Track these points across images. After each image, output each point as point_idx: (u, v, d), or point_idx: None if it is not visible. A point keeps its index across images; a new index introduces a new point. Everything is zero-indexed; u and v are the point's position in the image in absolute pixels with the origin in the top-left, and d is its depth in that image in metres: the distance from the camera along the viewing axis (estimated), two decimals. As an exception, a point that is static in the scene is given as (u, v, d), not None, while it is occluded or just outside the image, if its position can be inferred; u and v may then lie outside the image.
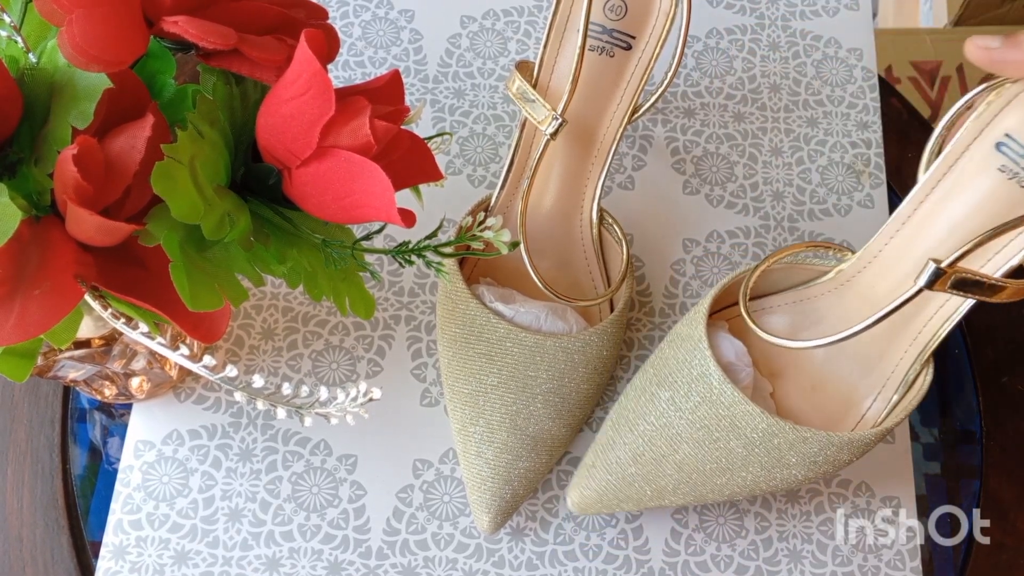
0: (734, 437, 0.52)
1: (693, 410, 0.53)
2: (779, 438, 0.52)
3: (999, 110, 0.50)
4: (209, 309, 0.36)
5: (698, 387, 0.53)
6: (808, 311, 0.58)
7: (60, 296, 0.34)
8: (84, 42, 0.33)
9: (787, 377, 0.58)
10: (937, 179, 0.52)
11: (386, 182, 0.36)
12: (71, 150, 0.33)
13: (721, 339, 0.56)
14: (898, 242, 0.55)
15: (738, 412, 0.52)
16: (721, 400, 0.52)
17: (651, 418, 0.55)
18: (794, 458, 0.52)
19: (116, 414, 0.62)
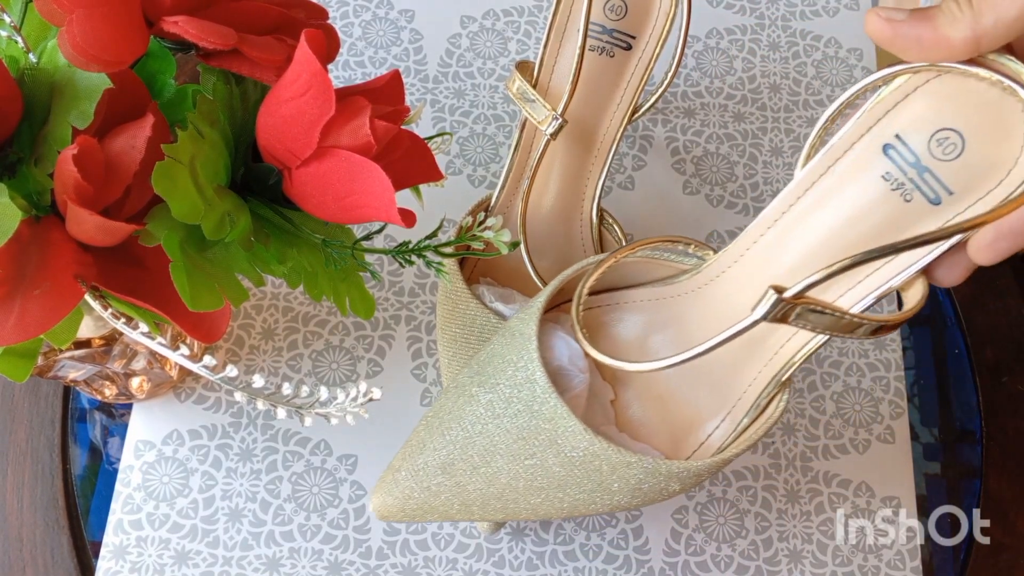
0: (553, 454, 0.47)
1: (513, 418, 0.47)
2: (601, 460, 0.46)
3: (893, 104, 0.42)
4: (209, 309, 0.36)
5: (521, 393, 0.47)
6: (664, 311, 0.52)
7: (60, 296, 0.34)
8: (84, 42, 0.33)
9: (632, 384, 0.53)
10: (813, 180, 0.45)
11: (386, 182, 0.36)
12: (71, 150, 0.33)
13: (556, 339, 0.50)
14: (761, 249, 0.47)
15: (560, 427, 0.46)
16: (543, 411, 0.46)
17: (466, 423, 0.48)
18: (616, 484, 0.47)
19: (116, 414, 0.62)
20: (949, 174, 0.41)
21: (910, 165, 0.42)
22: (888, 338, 0.64)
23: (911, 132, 0.41)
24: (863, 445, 0.61)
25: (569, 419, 0.45)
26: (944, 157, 0.41)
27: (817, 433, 0.61)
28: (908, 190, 0.42)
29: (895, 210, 0.43)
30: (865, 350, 0.63)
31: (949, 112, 0.40)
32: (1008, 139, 0.39)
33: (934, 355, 0.65)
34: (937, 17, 0.37)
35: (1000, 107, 0.39)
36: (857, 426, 0.61)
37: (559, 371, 0.49)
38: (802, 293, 0.38)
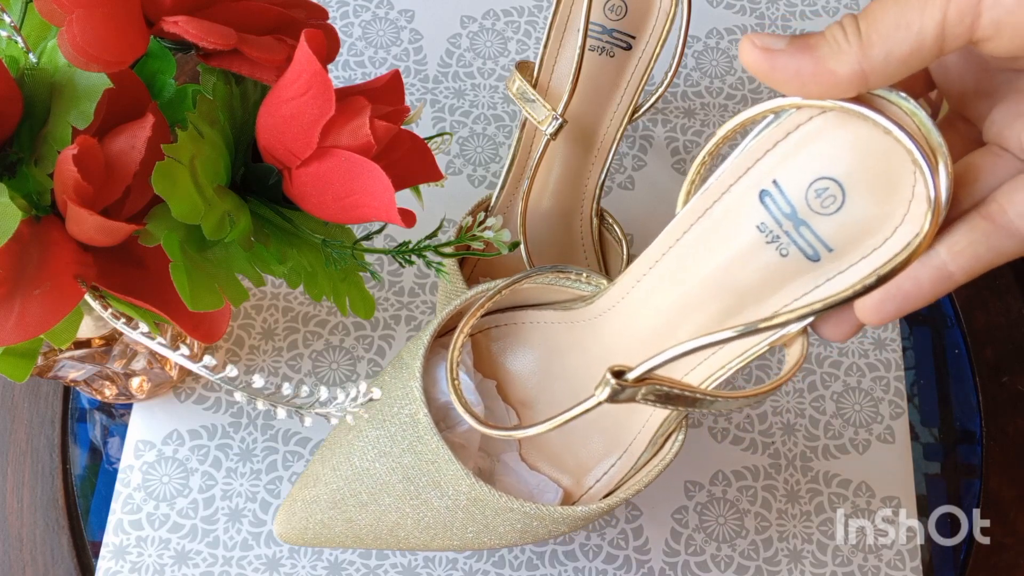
0: (437, 496, 0.45)
1: (398, 457, 0.46)
2: (484, 505, 0.45)
3: (772, 144, 0.36)
4: (209, 309, 0.36)
5: (406, 432, 0.46)
6: (564, 337, 0.49)
7: (60, 296, 0.34)
8: (84, 42, 0.33)
9: (539, 408, 0.50)
10: (691, 221, 0.40)
11: (386, 182, 0.36)
12: (71, 150, 0.33)
13: (442, 372, 0.48)
14: (643, 289, 0.44)
15: (443, 470, 0.45)
16: (426, 453, 0.45)
17: (355, 459, 0.48)
18: (502, 526, 0.46)
19: (116, 414, 0.62)
20: (828, 229, 0.36)
21: (786, 217, 0.37)
22: (888, 338, 0.64)
23: (789, 179, 0.36)
24: (863, 445, 0.61)
25: (451, 463, 0.44)
26: (822, 210, 0.36)
27: (817, 433, 0.61)
28: (784, 244, 0.37)
29: (770, 264, 0.38)
30: (865, 350, 0.63)
31: (830, 159, 0.35)
32: (894, 194, 0.34)
33: (934, 355, 0.65)
34: (820, 47, 0.31)
35: (888, 157, 0.34)
36: (857, 426, 0.61)
37: (449, 407, 0.47)
38: (645, 376, 0.36)
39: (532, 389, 0.51)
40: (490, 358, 0.51)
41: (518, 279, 0.47)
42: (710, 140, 0.38)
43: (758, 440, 0.61)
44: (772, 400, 0.62)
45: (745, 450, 0.61)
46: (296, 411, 0.38)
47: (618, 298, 0.45)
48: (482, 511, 0.45)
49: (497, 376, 0.51)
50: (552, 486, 0.50)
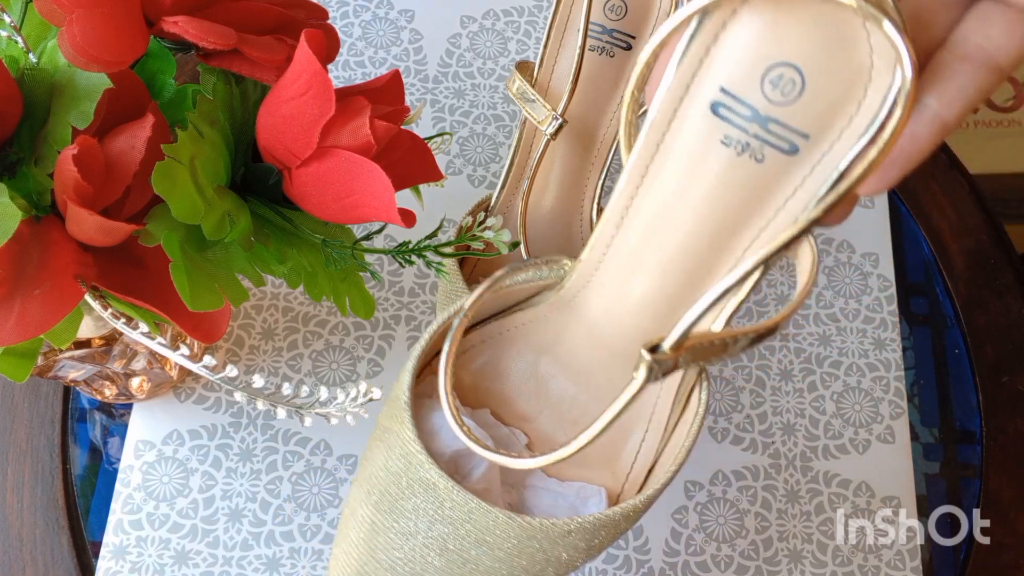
0: (487, 553, 0.41)
1: (427, 532, 0.42)
2: (539, 538, 0.41)
3: (705, 51, 0.33)
4: (209, 309, 0.36)
5: (426, 504, 0.41)
6: (541, 334, 0.46)
7: (60, 296, 0.34)
8: (84, 42, 0.33)
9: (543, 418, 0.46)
10: (645, 164, 0.36)
11: (386, 182, 0.36)
12: (71, 150, 0.33)
13: (436, 419, 0.44)
14: (619, 251, 0.40)
15: (482, 522, 0.40)
16: (456, 515, 0.41)
17: (379, 554, 0.43)
18: (566, 552, 0.42)
19: (116, 414, 0.62)
20: (797, 116, 0.33)
21: (749, 120, 0.33)
22: (888, 338, 0.64)
23: (738, 80, 0.33)
24: (863, 445, 0.61)
25: (488, 513, 0.40)
26: (784, 99, 0.33)
27: (817, 433, 0.61)
28: (756, 148, 0.34)
29: (751, 175, 0.35)
30: (865, 350, 0.63)
31: (774, 44, 0.32)
32: (852, 52, 0.31)
33: (934, 355, 0.65)
34: None
35: (832, 19, 0.31)
36: (857, 426, 0.61)
37: (457, 456, 0.43)
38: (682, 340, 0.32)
39: (529, 400, 0.46)
40: (473, 387, 0.47)
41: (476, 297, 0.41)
42: (636, 67, 0.34)
43: (758, 440, 0.61)
44: (772, 400, 0.62)
45: (745, 450, 0.61)
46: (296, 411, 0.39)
47: (591, 272, 0.41)
48: (540, 547, 0.41)
49: (487, 403, 0.47)
50: (593, 488, 0.46)
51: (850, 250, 0.66)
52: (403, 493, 0.42)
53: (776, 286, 0.65)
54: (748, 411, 0.62)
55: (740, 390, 0.62)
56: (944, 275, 0.67)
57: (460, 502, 0.40)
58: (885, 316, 0.64)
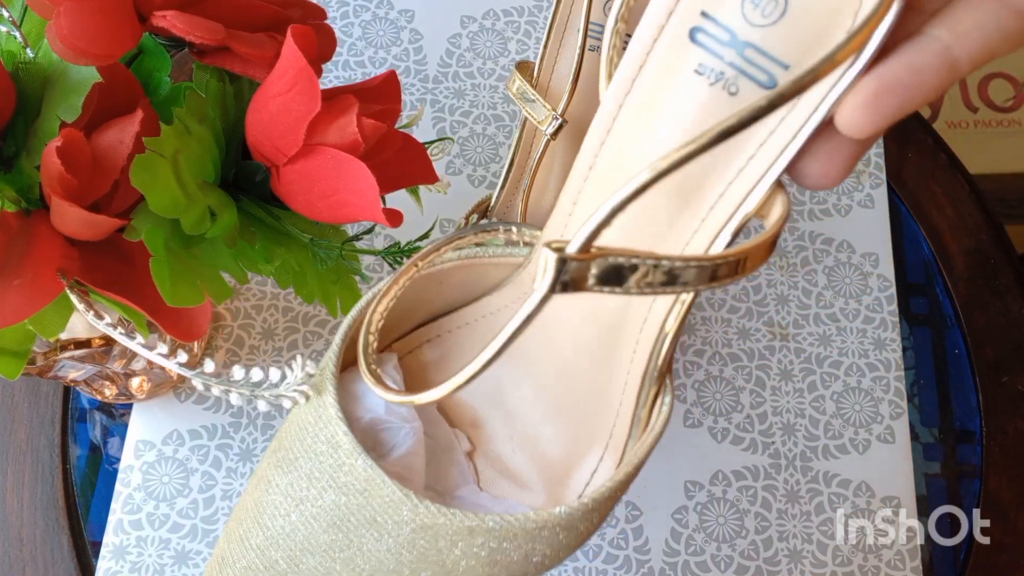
0: (375, 537, 0.35)
1: (316, 500, 0.36)
2: (436, 532, 0.34)
3: None
4: (188, 305, 0.36)
5: (324, 464, 0.36)
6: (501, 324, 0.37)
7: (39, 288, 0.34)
8: (72, 35, 0.33)
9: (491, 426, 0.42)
10: (618, 102, 0.33)
11: (371, 181, 0.36)
12: (56, 142, 0.33)
13: (361, 389, 0.39)
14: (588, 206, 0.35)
15: (377, 498, 0.35)
16: (353, 482, 0.35)
17: (266, 520, 0.37)
18: (465, 560, 0.35)
19: (116, 414, 0.62)
20: (777, 41, 0.30)
21: (725, 45, 0.31)
22: (888, 338, 0.64)
23: (718, 3, 0.30)
24: (863, 445, 0.61)
25: (385, 486, 0.34)
26: (765, 20, 0.30)
27: (817, 433, 0.61)
28: (731, 79, 0.31)
29: (723, 111, 0.31)
30: (865, 350, 0.63)
31: None
32: None
33: (934, 355, 0.65)
34: None
35: None
36: (857, 426, 0.61)
37: (374, 426, 0.38)
38: (590, 242, 0.27)
39: (482, 404, 0.42)
40: (425, 381, 0.42)
41: (421, 256, 0.37)
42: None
43: (758, 440, 0.61)
44: (772, 400, 0.62)
45: (745, 450, 0.61)
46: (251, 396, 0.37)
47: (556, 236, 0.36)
48: (435, 543, 0.35)
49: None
50: (524, 507, 0.41)
51: (850, 250, 0.66)
52: (305, 451, 0.37)
53: (776, 286, 0.65)
54: (748, 411, 0.62)
55: (740, 390, 0.62)
56: (944, 275, 0.67)
57: (359, 469, 0.35)
58: (885, 316, 0.64)
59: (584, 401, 0.40)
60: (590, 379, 0.39)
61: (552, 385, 0.40)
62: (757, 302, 0.64)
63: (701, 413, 0.61)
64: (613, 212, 0.27)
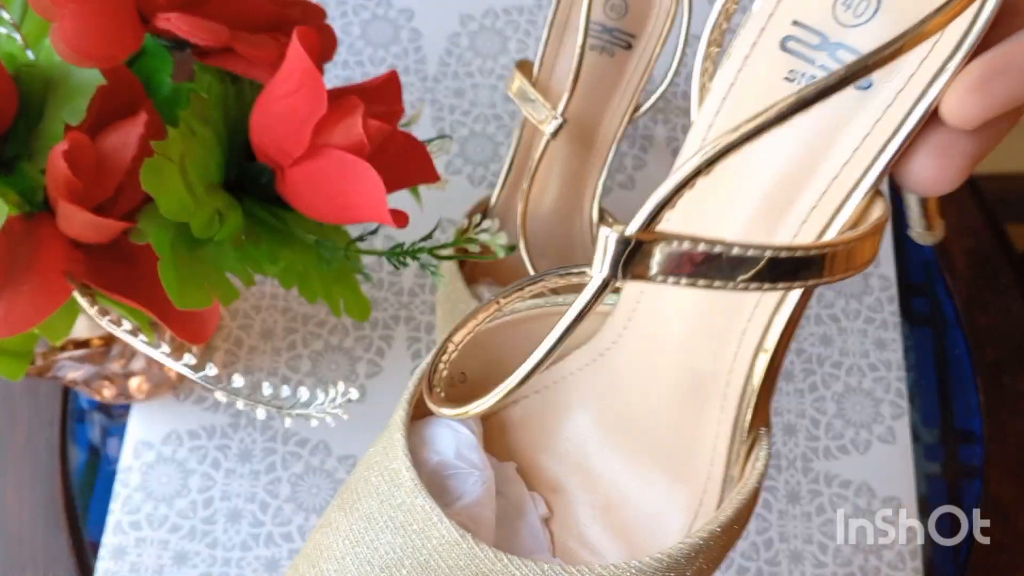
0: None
1: (373, 542, 0.33)
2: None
3: None
4: (197, 308, 0.36)
5: (384, 505, 0.33)
6: (592, 384, 0.38)
7: (47, 292, 0.34)
8: (76, 37, 0.33)
9: (572, 492, 0.38)
10: (709, 121, 0.32)
11: (378, 182, 0.36)
12: (62, 146, 0.33)
13: (440, 427, 0.36)
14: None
15: (433, 539, 0.32)
16: (411, 523, 0.32)
17: (321, 562, 0.35)
18: None
19: (115, 415, 0.62)
20: (870, 38, 0.29)
21: (816, 49, 0.30)
22: (889, 338, 0.64)
23: (808, 9, 0.30)
24: (864, 445, 0.61)
25: (441, 524, 0.32)
26: (857, 20, 0.29)
27: (818, 433, 0.61)
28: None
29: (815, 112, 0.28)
30: (866, 350, 0.63)
31: None
32: None
33: (935, 355, 0.65)
34: None
35: None
36: (858, 426, 0.61)
37: (441, 470, 0.35)
38: (652, 219, 0.26)
39: (563, 467, 0.39)
40: (508, 441, 0.40)
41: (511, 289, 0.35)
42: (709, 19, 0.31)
43: (758, 440, 0.61)
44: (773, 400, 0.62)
45: (745, 450, 0.60)
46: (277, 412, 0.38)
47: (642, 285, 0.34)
48: None
49: (517, 459, 0.39)
50: None
51: (851, 250, 0.66)
52: (367, 491, 0.35)
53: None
54: (748, 411, 0.61)
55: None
56: (945, 275, 0.67)
57: (418, 507, 0.32)
58: (886, 316, 0.64)
59: (673, 461, 0.37)
60: (680, 434, 0.36)
61: (639, 446, 0.37)
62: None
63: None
64: (679, 186, 0.25)
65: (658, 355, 0.36)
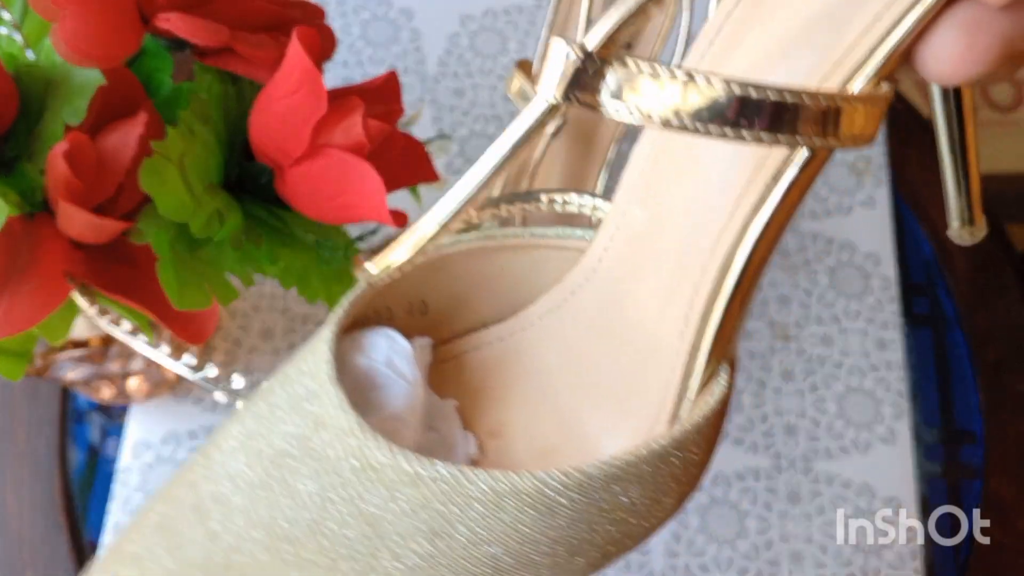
0: (309, 474, 0.28)
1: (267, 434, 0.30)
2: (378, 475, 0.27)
3: None
4: (196, 308, 0.36)
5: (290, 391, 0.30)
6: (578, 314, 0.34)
7: (47, 292, 0.34)
8: (77, 38, 0.33)
9: (511, 437, 0.34)
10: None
11: (378, 182, 0.36)
12: (62, 146, 0.33)
13: (377, 336, 0.32)
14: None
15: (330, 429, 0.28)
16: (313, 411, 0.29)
17: (211, 450, 0.31)
18: (403, 521, 0.27)
19: (114, 415, 0.61)
20: None
21: None
22: (889, 338, 0.64)
23: None
24: (864, 446, 0.61)
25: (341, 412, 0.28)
26: None
27: (818, 434, 0.61)
28: None
29: None
30: (867, 350, 0.63)
31: None
32: None
33: (935, 355, 0.65)
34: None
35: None
36: (858, 427, 0.61)
37: (368, 374, 0.31)
38: (610, 36, 0.22)
39: (512, 412, 0.35)
40: (463, 386, 0.36)
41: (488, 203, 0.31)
42: None
43: (759, 441, 0.61)
44: (773, 401, 0.62)
45: (746, 451, 0.60)
46: None
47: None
48: (374, 488, 0.27)
49: (463, 400, 0.35)
50: None
51: (852, 251, 0.66)
52: (279, 378, 0.31)
53: (777, 286, 0.65)
54: (749, 412, 0.61)
55: (741, 391, 0.62)
56: (945, 275, 0.67)
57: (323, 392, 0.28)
58: (887, 316, 0.64)
59: (625, 404, 0.33)
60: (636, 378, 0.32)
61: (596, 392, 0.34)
62: (758, 302, 0.64)
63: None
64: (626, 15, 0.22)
65: (628, 293, 0.32)
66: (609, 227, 0.33)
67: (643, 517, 0.29)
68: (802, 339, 0.64)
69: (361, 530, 0.28)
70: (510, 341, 0.36)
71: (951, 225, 0.32)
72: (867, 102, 0.24)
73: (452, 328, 0.34)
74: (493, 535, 0.27)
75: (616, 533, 0.29)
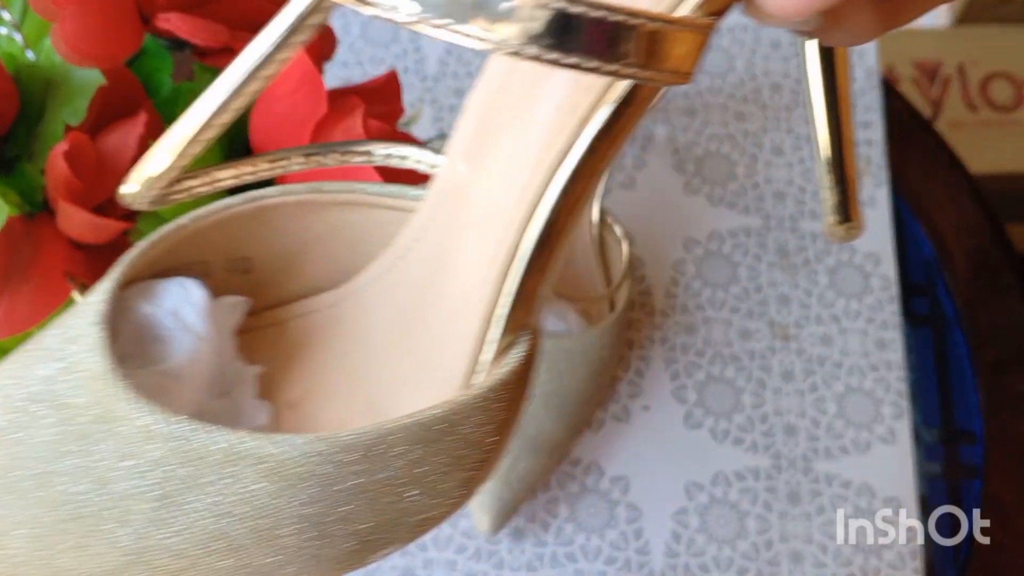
0: (45, 422, 0.25)
1: (23, 377, 0.26)
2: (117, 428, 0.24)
3: None
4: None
5: (47, 339, 0.27)
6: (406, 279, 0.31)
7: (47, 292, 0.34)
8: (77, 38, 0.33)
9: (308, 410, 0.31)
10: None
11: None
12: (62, 147, 0.33)
13: (170, 283, 0.29)
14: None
15: (83, 371, 0.25)
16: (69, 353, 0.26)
17: None
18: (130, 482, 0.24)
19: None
20: None
21: None
22: (889, 338, 0.64)
23: None
24: (864, 446, 0.61)
25: (98, 354, 0.25)
26: None
27: (818, 434, 0.61)
28: None
29: None
30: (867, 350, 0.63)
31: None
32: None
33: (935, 355, 0.65)
34: None
35: None
36: (858, 427, 0.61)
37: (150, 323, 0.28)
38: None
39: (318, 384, 0.32)
40: (277, 355, 0.32)
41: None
42: None
43: (759, 441, 0.61)
44: (773, 401, 0.62)
45: (746, 451, 0.61)
46: None
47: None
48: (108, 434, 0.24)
49: (272, 371, 0.32)
50: None
51: (851, 251, 0.66)
52: (55, 326, 0.27)
53: (777, 286, 0.65)
54: (749, 412, 0.61)
55: (741, 391, 0.62)
56: (945, 275, 0.67)
57: (84, 334, 0.25)
58: (887, 316, 0.64)
59: (438, 373, 0.30)
60: (447, 344, 0.29)
61: (410, 361, 0.31)
62: (758, 303, 0.64)
63: (702, 414, 0.61)
64: None
65: (451, 257, 0.29)
66: (437, 185, 0.30)
67: (413, 502, 0.26)
68: (802, 339, 0.64)
69: (90, 487, 0.24)
70: (335, 309, 0.33)
71: (825, 221, 0.30)
72: (691, 27, 0.22)
73: (279, 293, 0.31)
74: (227, 503, 0.24)
75: (374, 519, 0.26)
